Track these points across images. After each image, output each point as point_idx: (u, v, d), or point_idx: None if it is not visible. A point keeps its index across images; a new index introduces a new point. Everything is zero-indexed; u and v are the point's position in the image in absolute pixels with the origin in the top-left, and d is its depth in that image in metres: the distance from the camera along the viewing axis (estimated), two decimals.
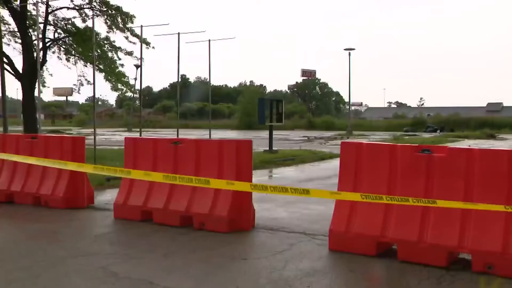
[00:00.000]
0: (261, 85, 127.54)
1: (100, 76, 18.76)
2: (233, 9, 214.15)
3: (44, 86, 20.90)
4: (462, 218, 5.10)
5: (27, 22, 17.19)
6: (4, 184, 8.67)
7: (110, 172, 6.22)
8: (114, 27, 17.81)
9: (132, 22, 17.83)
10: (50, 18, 17.84)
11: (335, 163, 6.03)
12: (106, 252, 5.66)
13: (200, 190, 6.68)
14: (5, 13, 17.46)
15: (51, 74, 19.84)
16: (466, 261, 5.17)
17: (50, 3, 17.29)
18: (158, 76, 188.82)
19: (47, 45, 18.01)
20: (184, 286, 4.57)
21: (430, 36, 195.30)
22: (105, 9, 17.65)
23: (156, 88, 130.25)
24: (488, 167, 5.08)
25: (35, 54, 15.70)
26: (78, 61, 18.96)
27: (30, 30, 17.31)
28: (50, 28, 18.14)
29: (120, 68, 18.82)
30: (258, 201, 8.23)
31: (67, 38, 18.71)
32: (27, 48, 16.86)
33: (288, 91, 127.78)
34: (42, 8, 16.98)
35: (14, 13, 16.97)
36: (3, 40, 16.44)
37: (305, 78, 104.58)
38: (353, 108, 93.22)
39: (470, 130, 50.59)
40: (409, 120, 67.43)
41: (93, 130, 13.71)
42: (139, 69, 17.73)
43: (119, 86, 19.29)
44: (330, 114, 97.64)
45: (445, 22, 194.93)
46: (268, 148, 19.13)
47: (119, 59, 18.75)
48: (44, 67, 18.62)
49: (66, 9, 17.84)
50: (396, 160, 5.57)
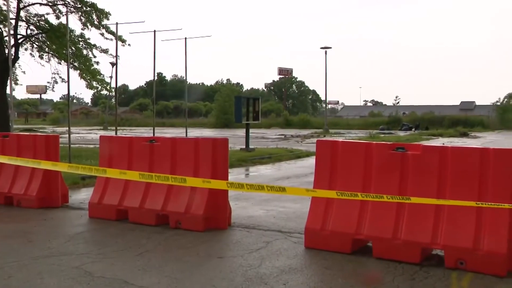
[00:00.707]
0: (238, 83, 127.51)
1: (75, 73, 18.49)
2: (209, 7, 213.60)
3: (16, 84, 20.55)
4: (435, 215, 5.18)
5: None
6: None
7: (85, 170, 6.14)
8: (89, 24, 17.54)
9: (107, 19, 17.60)
10: (22, 14, 17.47)
11: (311, 161, 6.06)
12: (81, 251, 5.59)
13: (176, 189, 6.64)
14: None
15: (24, 72, 19.52)
16: (439, 257, 5.26)
17: None
18: (134, 74, 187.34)
19: (19, 41, 17.65)
20: (159, 285, 4.54)
21: (405, 36, 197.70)
22: (79, 5, 17.37)
23: (132, 86, 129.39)
24: (460, 165, 5.17)
25: (7, 51, 15.39)
26: (52, 58, 18.66)
27: (1, 26, 16.96)
28: (22, 24, 17.77)
29: (95, 65, 18.56)
30: (234, 199, 8.24)
31: (40, 35, 18.38)
32: None
33: (265, 90, 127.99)
34: (14, 3, 16.65)
35: None
36: None
37: (281, 76, 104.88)
38: (329, 106, 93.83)
39: (444, 128, 51.36)
40: (385, 118, 68.14)
41: (68, 128, 13.52)
42: (115, 67, 17.52)
43: (94, 84, 19.02)
44: (306, 112, 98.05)
45: (420, 23, 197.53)
46: (244, 146, 19.14)
47: (94, 57, 18.50)
48: (16, 64, 18.27)
49: (38, 5, 17.52)
50: (371, 158, 5.62)
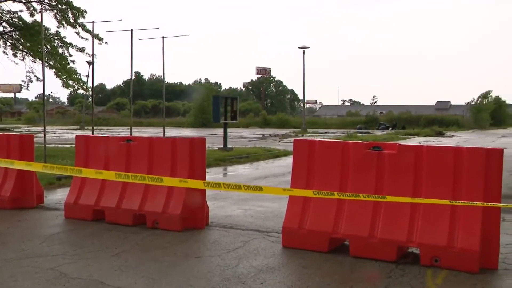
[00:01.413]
0: (216, 82, 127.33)
1: (50, 72, 18.24)
2: (187, 6, 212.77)
3: None
4: (411, 213, 5.24)
5: None
6: None
7: (61, 170, 6.07)
8: (64, 22, 17.33)
9: (83, 17, 17.42)
10: None
11: (289, 161, 6.09)
12: (56, 252, 5.51)
13: (153, 189, 6.60)
14: None
15: None
16: (414, 255, 5.32)
17: None
18: (111, 73, 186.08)
19: None
20: (136, 286, 4.51)
21: (382, 36, 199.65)
22: (54, 3, 17.14)
23: (109, 85, 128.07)
24: (435, 164, 5.24)
25: None
26: (26, 56, 18.38)
27: None
28: None
29: (71, 64, 18.36)
30: (212, 199, 8.22)
31: (14, 33, 18.08)
32: None
33: (243, 89, 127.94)
34: None
35: None
36: None
37: (260, 76, 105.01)
38: (307, 105, 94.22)
39: (421, 127, 52.00)
40: (362, 118, 68.73)
41: (43, 128, 13.31)
42: (92, 65, 17.33)
43: (71, 83, 18.81)
44: (284, 111, 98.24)
45: (396, 24, 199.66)
46: (223, 145, 19.12)
47: (70, 56, 18.29)
48: None
49: (11, 1, 17.23)
50: (347, 157, 5.66)
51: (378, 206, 5.40)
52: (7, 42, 18.24)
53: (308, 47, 54.93)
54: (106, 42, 17.86)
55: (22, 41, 18.07)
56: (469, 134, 43.22)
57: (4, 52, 18.34)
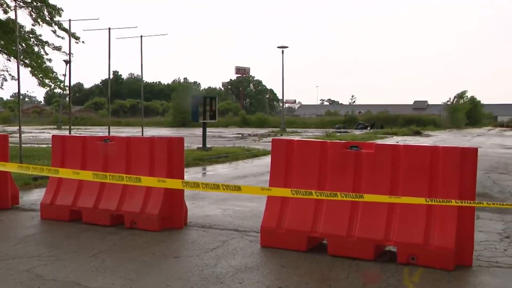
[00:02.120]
0: (195, 82, 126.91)
1: (25, 71, 17.94)
2: (166, 4, 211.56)
3: None
4: (388, 212, 5.30)
5: None
6: None
7: (37, 171, 5.98)
8: (40, 20, 17.04)
9: (59, 16, 17.14)
10: None
11: (268, 160, 6.10)
12: (31, 254, 5.43)
13: (131, 189, 6.56)
14: None
15: None
16: (392, 253, 5.38)
17: None
18: (89, 72, 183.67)
19: None
20: (114, 286, 4.47)
21: (361, 37, 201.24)
22: (29, 0, 16.86)
23: (87, 84, 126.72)
24: (412, 163, 5.30)
25: None
26: (0, 54, 18.04)
27: None
28: None
29: (47, 63, 18.05)
30: (190, 198, 8.19)
31: None
32: None
33: (222, 88, 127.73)
34: None
35: None
36: None
37: (239, 75, 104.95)
38: (286, 105, 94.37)
39: (398, 127, 52.56)
40: (341, 117, 69.21)
41: (19, 127, 13.11)
42: (69, 64, 17.13)
43: (47, 82, 18.49)
44: (264, 111, 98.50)
45: (375, 25, 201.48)
46: (201, 145, 19.06)
47: (46, 54, 17.99)
48: None
49: None
50: (325, 156, 5.69)
51: (356, 205, 5.44)
52: None
53: (287, 47, 55.11)
54: (83, 41, 17.66)
55: None
56: (445, 134, 43.84)
57: None
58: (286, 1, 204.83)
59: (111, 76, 16.10)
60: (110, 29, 15.87)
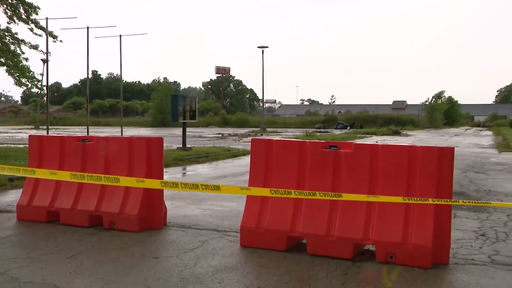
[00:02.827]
0: (175, 81, 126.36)
1: (1, 70, 17.67)
2: (145, 3, 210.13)
3: None
4: (367, 211, 5.33)
5: None
6: None
7: (13, 171, 5.88)
8: (15, 18, 16.79)
9: (36, 14, 16.93)
10: None
11: (248, 160, 6.10)
12: (7, 256, 5.35)
13: (109, 189, 6.50)
14: None
15: None
16: (370, 252, 5.42)
17: None
18: (68, 71, 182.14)
19: None
20: None
21: (341, 37, 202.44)
22: None
23: (65, 84, 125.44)
24: (390, 162, 5.35)
25: None
26: None
27: None
28: None
29: (24, 62, 17.81)
30: (170, 199, 8.16)
31: None
32: None
33: (202, 88, 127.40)
34: None
35: None
36: None
37: (219, 75, 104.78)
38: (267, 105, 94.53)
39: (378, 126, 53.04)
40: (321, 117, 69.63)
41: None
42: (46, 63, 16.90)
43: (24, 81, 18.24)
44: (244, 111, 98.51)
45: (355, 25, 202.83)
46: (181, 145, 18.98)
47: (23, 53, 17.74)
48: None
49: None
50: (305, 156, 5.71)
51: (335, 204, 5.47)
52: None
53: (267, 47, 55.23)
54: (61, 40, 17.49)
55: None
56: (424, 133, 44.36)
57: None
58: (266, 1, 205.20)
59: (90, 75, 15.96)
60: (88, 28, 15.75)
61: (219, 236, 6.19)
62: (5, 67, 17.45)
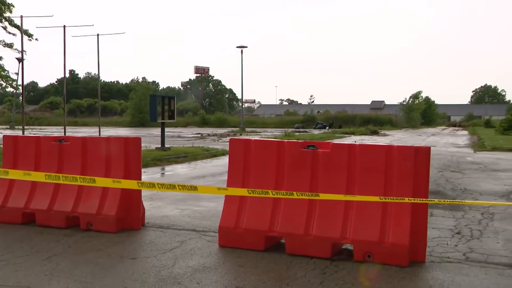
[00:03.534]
0: (154, 81, 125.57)
1: None
2: (123, 2, 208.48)
3: None
4: (345, 211, 5.37)
5: None
6: None
7: None
8: None
9: (10, 12, 16.67)
10: None
11: (227, 160, 6.09)
12: None
13: (87, 190, 6.43)
14: None
15: None
16: (348, 251, 5.45)
17: None
18: (44, 71, 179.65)
19: None
20: None
21: (319, 37, 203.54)
22: None
23: (42, 83, 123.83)
24: (367, 161, 5.39)
25: None
26: None
27: None
28: None
29: None
30: (148, 199, 8.11)
31: None
32: None
33: (181, 88, 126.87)
34: None
35: None
36: None
37: (198, 75, 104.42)
38: (246, 105, 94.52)
39: (356, 126, 53.44)
40: (300, 117, 69.92)
41: None
42: (21, 62, 16.65)
43: None
44: (223, 111, 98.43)
45: (333, 26, 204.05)
46: (160, 145, 18.88)
47: None
48: None
49: None
50: (283, 156, 5.72)
51: (313, 204, 5.49)
52: None
53: (246, 47, 55.13)
54: (36, 39, 17.24)
55: None
56: (401, 133, 44.83)
57: None
58: (246, 1, 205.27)
59: (67, 75, 15.78)
60: (65, 26, 15.54)
61: (198, 236, 6.17)
62: None
